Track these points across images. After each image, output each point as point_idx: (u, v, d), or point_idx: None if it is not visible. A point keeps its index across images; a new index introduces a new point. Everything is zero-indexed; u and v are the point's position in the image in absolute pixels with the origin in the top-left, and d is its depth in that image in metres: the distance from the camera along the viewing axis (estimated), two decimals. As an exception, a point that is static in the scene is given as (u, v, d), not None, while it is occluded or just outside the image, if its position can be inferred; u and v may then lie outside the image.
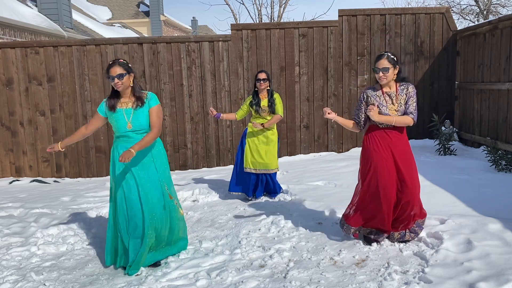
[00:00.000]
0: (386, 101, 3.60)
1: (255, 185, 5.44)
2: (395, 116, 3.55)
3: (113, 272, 3.54)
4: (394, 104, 3.59)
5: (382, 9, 7.93)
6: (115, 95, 3.54)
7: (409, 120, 3.58)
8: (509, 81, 6.19)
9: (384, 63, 3.54)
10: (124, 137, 3.53)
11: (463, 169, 5.84)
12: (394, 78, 3.61)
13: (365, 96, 3.69)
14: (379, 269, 3.28)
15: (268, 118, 5.31)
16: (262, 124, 5.25)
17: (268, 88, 5.32)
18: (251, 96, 5.38)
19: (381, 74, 3.55)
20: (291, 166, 7.11)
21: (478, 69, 7.12)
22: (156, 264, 3.61)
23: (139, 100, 3.50)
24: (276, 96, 5.32)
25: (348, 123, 3.79)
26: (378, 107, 3.57)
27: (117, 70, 3.41)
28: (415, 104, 3.63)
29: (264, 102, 5.27)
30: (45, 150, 7.87)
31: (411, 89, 3.64)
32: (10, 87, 7.81)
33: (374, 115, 3.52)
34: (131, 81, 3.51)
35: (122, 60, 3.49)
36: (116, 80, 3.41)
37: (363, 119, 3.72)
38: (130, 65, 3.57)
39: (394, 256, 3.49)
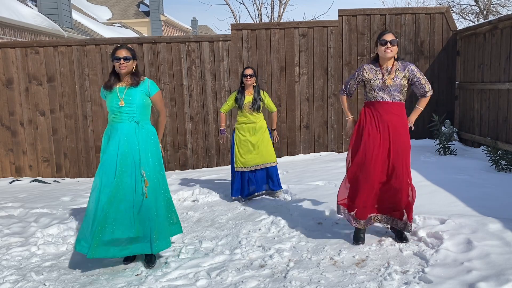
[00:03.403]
0: (382, 74, 3.65)
1: (243, 184, 5.40)
2: (418, 108, 3.80)
3: (113, 272, 3.54)
4: (390, 74, 3.63)
5: (382, 9, 7.93)
6: (115, 76, 3.65)
7: (427, 99, 3.78)
8: (509, 81, 6.19)
9: (391, 36, 3.58)
10: (116, 113, 3.59)
11: (463, 169, 5.84)
12: (395, 57, 3.67)
13: (362, 69, 3.75)
14: (379, 269, 3.28)
15: (254, 115, 5.31)
16: (273, 129, 5.55)
17: (255, 84, 5.33)
18: (236, 91, 5.38)
19: (388, 45, 3.56)
20: (291, 166, 7.11)
21: (478, 69, 7.12)
22: (130, 259, 3.62)
23: (134, 81, 3.61)
24: (266, 94, 5.39)
25: (345, 104, 4.00)
26: (370, 80, 3.67)
27: (124, 52, 3.56)
28: (424, 79, 3.70)
29: (248, 98, 5.28)
30: (45, 150, 7.89)
31: (413, 67, 3.69)
32: (10, 87, 7.81)
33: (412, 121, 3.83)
34: (134, 67, 3.63)
35: (129, 46, 3.67)
36: (122, 61, 3.53)
37: (353, 89, 3.91)
38: (136, 52, 3.68)
39: (394, 256, 3.49)
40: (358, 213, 3.71)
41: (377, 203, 3.78)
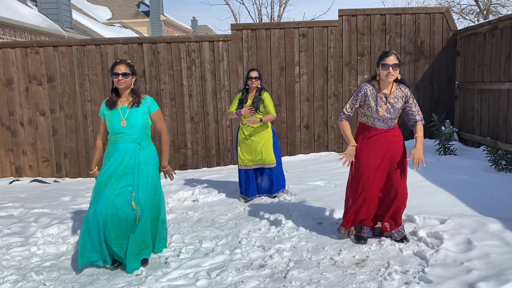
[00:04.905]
0: (382, 102, 3.60)
1: (248, 183, 5.41)
2: (419, 136, 3.57)
3: (113, 272, 3.54)
4: (386, 104, 3.59)
5: (382, 9, 7.93)
6: (115, 93, 3.63)
7: (421, 126, 3.62)
8: (509, 81, 6.19)
9: (394, 59, 3.48)
10: (118, 134, 3.57)
11: (463, 169, 5.84)
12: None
13: (365, 92, 3.62)
14: (379, 269, 3.28)
15: (256, 115, 5.29)
16: (261, 119, 5.24)
17: (259, 86, 5.31)
18: (241, 93, 5.38)
19: (391, 70, 3.47)
20: (291, 166, 7.11)
21: (478, 69, 7.12)
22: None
23: (135, 101, 3.59)
24: (266, 95, 5.30)
25: (348, 130, 3.72)
26: (372, 108, 3.60)
27: (123, 68, 3.53)
28: (415, 107, 3.63)
29: (249, 102, 5.27)
30: (45, 150, 7.89)
31: (409, 92, 3.62)
32: (10, 87, 7.81)
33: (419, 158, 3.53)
34: (133, 83, 3.62)
35: (129, 61, 3.63)
36: (121, 77, 3.51)
37: (351, 113, 3.69)
38: (135, 67, 3.67)
39: (394, 256, 3.49)
40: (361, 223, 3.76)
41: (378, 217, 3.80)
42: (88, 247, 3.47)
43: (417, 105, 3.65)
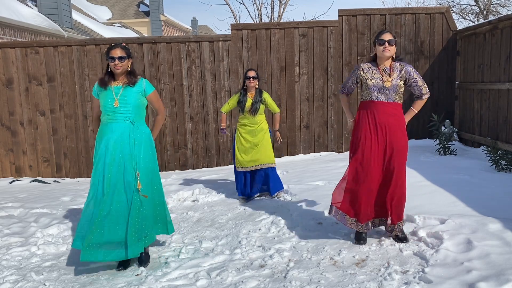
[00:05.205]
0: (380, 74, 3.63)
1: (245, 184, 5.43)
2: (412, 110, 3.76)
3: (113, 272, 3.53)
4: (389, 76, 3.62)
5: (382, 9, 7.93)
6: (110, 75, 3.58)
7: (423, 102, 3.77)
8: (509, 81, 6.19)
9: (389, 36, 3.58)
10: (111, 113, 3.52)
11: (463, 169, 5.84)
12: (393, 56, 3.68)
13: (359, 68, 3.74)
14: (379, 269, 3.28)
15: (256, 117, 5.31)
16: (276, 130, 5.60)
17: (257, 87, 5.32)
18: (239, 93, 5.38)
19: (387, 45, 3.56)
20: (291, 166, 7.11)
21: (478, 69, 7.12)
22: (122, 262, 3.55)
23: (130, 81, 3.55)
24: (267, 96, 5.36)
25: (346, 104, 4.04)
26: (366, 79, 3.67)
27: (119, 52, 3.48)
28: (421, 81, 3.70)
29: (250, 101, 5.28)
30: (45, 150, 7.89)
31: (410, 68, 3.68)
32: (10, 87, 7.81)
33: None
34: (129, 66, 3.58)
35: (124, 44, 3.58)
36: (117, 61, 3.47)
37: (352, 88, 3.90)
38: (130, 50, 3.66)
39: (394, 256, 3.49)
40: (358, 217, 3.72)
41: (376, 206, 3.77)
42: (85, 236, 3.46)
43: (422, 79, 3.72)
